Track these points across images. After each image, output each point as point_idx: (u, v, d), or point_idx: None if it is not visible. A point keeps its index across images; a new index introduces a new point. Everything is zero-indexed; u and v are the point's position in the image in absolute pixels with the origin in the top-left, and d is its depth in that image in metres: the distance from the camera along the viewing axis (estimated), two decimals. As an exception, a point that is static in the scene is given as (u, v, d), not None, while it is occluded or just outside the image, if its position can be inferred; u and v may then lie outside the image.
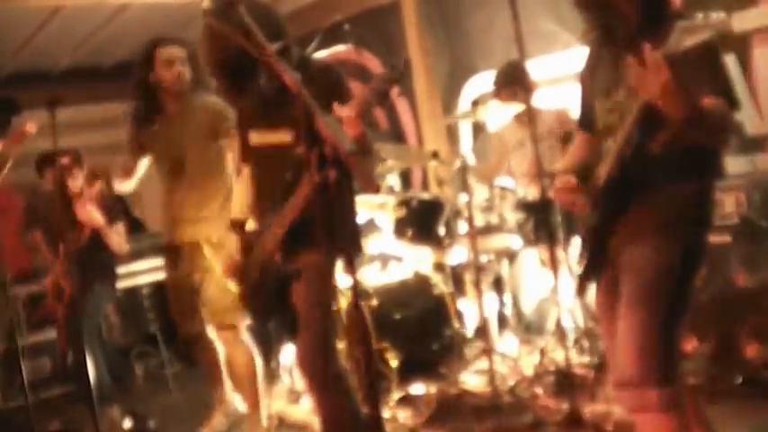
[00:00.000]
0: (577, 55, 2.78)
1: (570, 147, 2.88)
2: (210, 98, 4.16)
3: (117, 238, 4.87)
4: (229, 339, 4.25)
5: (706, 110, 2.24)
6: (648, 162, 2.33)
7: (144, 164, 4.39)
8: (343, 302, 4.28)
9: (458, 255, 4.76)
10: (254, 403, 4.26)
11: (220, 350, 4.33)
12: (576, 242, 4.30)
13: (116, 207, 5.04)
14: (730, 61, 4.17)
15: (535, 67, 4.90)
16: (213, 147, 4.16)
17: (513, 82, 4.59)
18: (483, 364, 4.41)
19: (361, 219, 4.71)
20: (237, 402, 4.51)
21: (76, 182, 4.81)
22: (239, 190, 3.37)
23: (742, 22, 4.15)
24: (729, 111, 2.31)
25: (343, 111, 2.61)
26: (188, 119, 4.16)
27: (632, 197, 2.44)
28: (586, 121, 2.69)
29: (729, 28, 2.01)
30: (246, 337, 4.25)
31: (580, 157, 2.72)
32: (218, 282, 4.01)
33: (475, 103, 5.60)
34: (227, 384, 4.42)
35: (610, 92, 2.49)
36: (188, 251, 4.21)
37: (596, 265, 2.57)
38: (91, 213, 4.67)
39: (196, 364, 4.50)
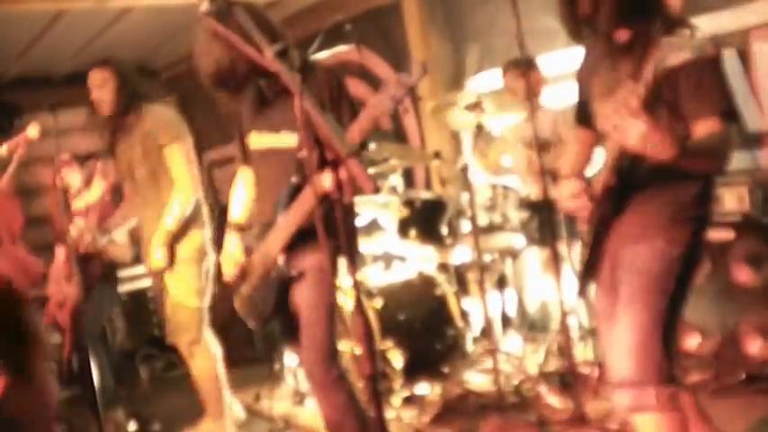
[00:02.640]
0: (579, 52, 2.78)
1: (569, 146, 2.88)
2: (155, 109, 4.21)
3: (116, 249, 4.86)
4: (188, 353, 4.28)
5: (700, 138, 2.24)
6: (647, 165, 2.33)
7: None
8: (347, 303, 4.28)
9: (461, 254, 4.75)
10: (217, 412, 4.27)
11: (218, 356, 4.34)
12: (579, 242, 4.31)
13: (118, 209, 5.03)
14: (731, 57, 4.16)
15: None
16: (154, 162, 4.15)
17: (522, 68, 4.59)
18: (487, 363, 4.41)
19: (364, 219, 4.72)
20: (236, 409, 4.52)
21: (74, 182, 4.81)
22: (238, 192, 3.38)
23: (742, 17, 4.14)
24: (727, 135, 2.30)
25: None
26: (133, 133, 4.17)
27: (631, 198, 2.44)
28: (584, 118, 2.69)
29: (711, 50, 2.01)
30: (210, 345, 4.26)
31: (579, 155, 2.73)
32: (171, 300, 4.07)
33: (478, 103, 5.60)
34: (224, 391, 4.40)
35: (610, 94, 2.48)
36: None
37: (595, 265, 2.57)
38: (85, 238, 4.65)
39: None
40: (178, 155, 4.11)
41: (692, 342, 3.86)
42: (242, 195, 3.35)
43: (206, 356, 4.25)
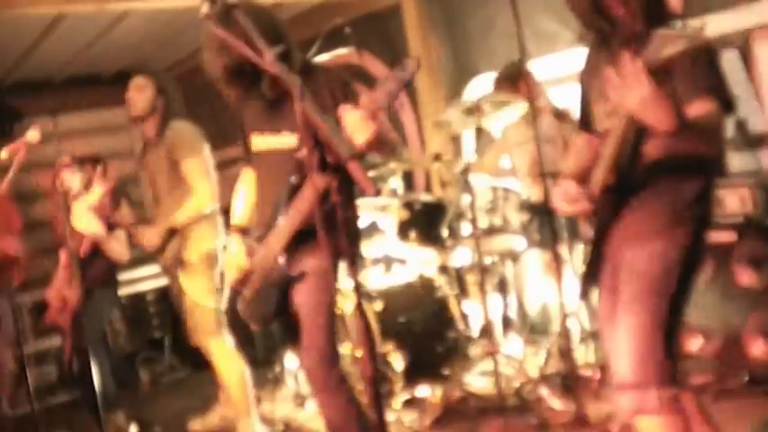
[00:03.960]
0: (579, 54, 2.77)
1: (571, 148, 2.88)
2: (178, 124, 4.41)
3: (116, 246, 4.84)
4: (209, 352, 4.38)
5: (695, 118, 2.25)
6: (646, 165, 2.33)
7: None
8: (348, 305, 4.28)
9: (462, 256, 4.75)
10: (244, 410, 4.31)
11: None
12: (580, 244, 4.30)
13: (118, 212, 5.01)
14: (732, 57, 4.16)
15: (537, 67, 4.90)
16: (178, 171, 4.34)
17: (514, 80, 4.60)
18: (488, 365, 4.40)
19: (364, 222, 4.72)
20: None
21: (74, 184, 4.80)
22: (240, 194, 3.37)
23: (743, 17, 4.14)
24: (722, 115, 2.31)
25: (357, 110, 2.56)
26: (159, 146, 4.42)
27: (631, 199, 2.44)
28: (586, 122, 2.69)
29: (704, 38, 2.02)
30: (231, 347, 4.32)
31: (582, 158, 2.72)
32: (188, 301, 4.15)
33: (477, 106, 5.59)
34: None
35: (607, 95, 2.48)
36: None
37: (597, 267, 2.56)
38: (88, 223, 4.65)
39: (201, 370, 4.52)
40: (196, 168, 4.30)
41: (694, 344, 3.85)
42: (244, 197, 3.35)
43: (229, 355, 4.33)
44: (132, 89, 4.40)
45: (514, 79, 4.59)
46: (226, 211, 4.13)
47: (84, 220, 4.61)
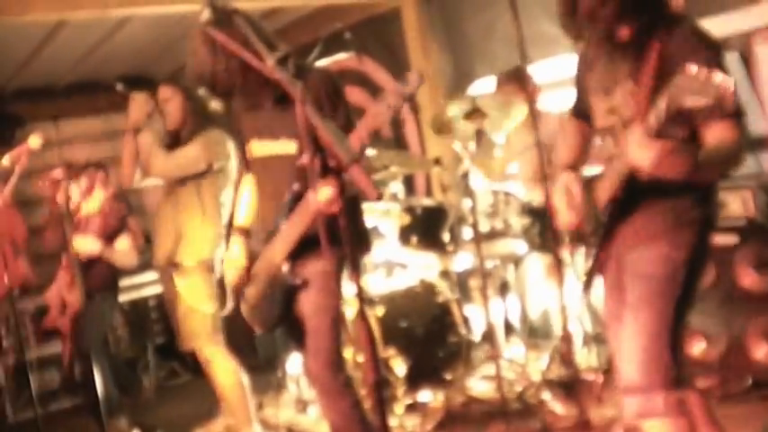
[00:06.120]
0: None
1: (561, 135, 2.87)
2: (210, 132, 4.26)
3: (119, 255, 4.85)
4: (205, 360, 4.31)
5: (709, 154, 2.23)
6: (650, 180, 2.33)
7: None
8: (350, 310, 4.27)
9: (463, 261, 4.74)
10: (245, 418, 4.27)
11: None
12: (582, 248, 4.29)
13: (120, 217, 5.01)
14: (733, 60, 4.16)
15: (537, 71, 4.90)
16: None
17: (515, 81, 4.61)
18: (490, 370, 4.40)
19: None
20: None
21: (74, 193, 4.81)
22: (242, 198, 3.38)
23: (744, 20, 4.14)
24: (741, 141, 2.27)
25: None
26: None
27: (635, 202, 2.43)
28: (580, 110, 2.70)
29: (730, 95, 1.92)
30: (227, 353, 4.29)
31: (573, 145, 2.72)
32: (184, 306, 4.12)
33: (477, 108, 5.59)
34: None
35: (608, 91, 2.48)
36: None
37: (601, 265, 2.56)
38: (85, 245, 4.66)
39: (204, 375, 4.52)
40: (196, 146, 4.15)
41: (697, 348, 3.84)
42: (247, 201, 3.35)
43: (226, 363, 4.27)
44: (161, 102, 4.28)
45: (516, 80, 4.59)
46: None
47: (82, 242, 4.61)
